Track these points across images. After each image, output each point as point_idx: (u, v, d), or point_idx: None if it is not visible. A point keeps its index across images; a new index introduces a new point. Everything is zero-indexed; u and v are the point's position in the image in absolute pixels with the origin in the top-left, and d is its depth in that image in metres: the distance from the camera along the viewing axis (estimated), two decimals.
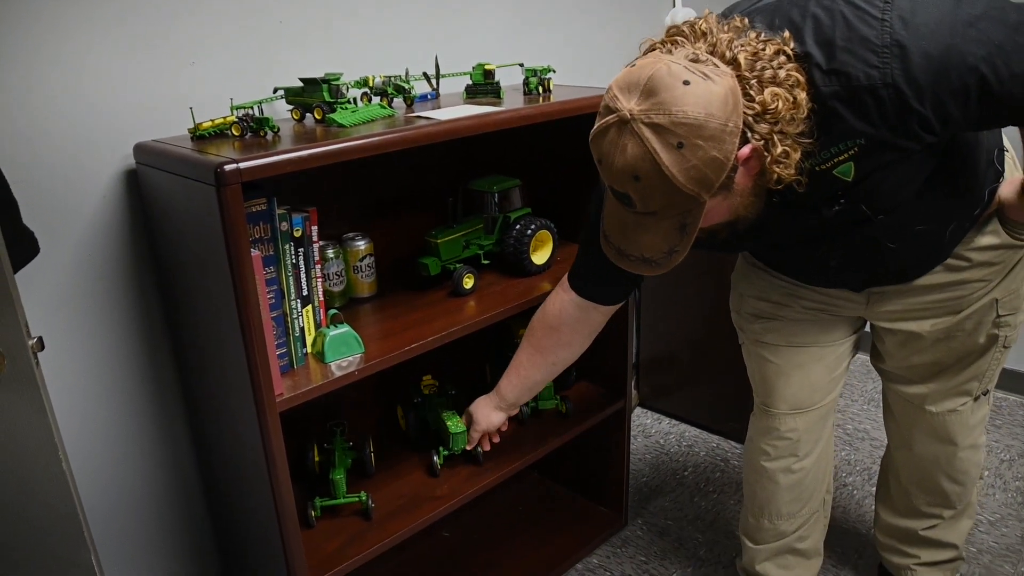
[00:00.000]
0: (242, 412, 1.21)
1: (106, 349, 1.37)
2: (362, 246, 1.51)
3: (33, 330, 0.92)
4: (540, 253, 1.66)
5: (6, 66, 1.16)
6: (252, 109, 1.27)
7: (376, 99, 1.43)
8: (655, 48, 1.01)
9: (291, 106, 1.35)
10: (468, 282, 1.55)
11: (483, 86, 1.60)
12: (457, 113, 1.38)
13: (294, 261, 1.27)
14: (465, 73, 1.61)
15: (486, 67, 1.59)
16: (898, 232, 1.16)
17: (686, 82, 0.90)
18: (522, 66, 1.67)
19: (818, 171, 1.03)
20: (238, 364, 1.15)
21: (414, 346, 1.34)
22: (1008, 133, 1.17)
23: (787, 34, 0.98)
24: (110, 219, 1.32)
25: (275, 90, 1.35)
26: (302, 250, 1.28)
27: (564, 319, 1.39)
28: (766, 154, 0.95)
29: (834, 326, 1.44)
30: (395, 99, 1.45)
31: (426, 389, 1.75)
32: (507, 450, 1.65)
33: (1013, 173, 1.23)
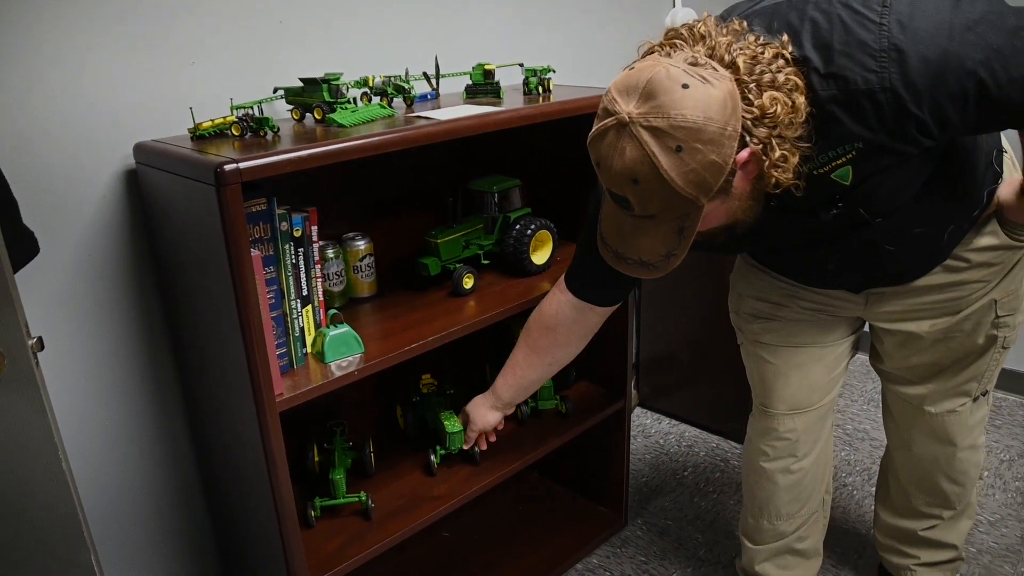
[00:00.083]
0: (242, 412, 1.21)
1: (106, 349, 1.37)
2: (362, 246, 1.51)
3: (33, 330, 0.92)
4: (540, 253, 1.66)
5: (6, 66, 1.16)
6: (252, 109, 1.27)
7: (376, 99, 1.43)
8: (654, 51, 1.01)
9: (291, 106, 1.36)
10: (468, 282, 1.55)
11: (483, 86, 1.60)
12: (457, 113, 1.38)
13: (294, 261, 1.27)
14: (465, 73, 1.61)
15: (486, 67, 1.59)
16: (896, 235, 1.16)
17: (685, 85, 0.90)
18: (522, 66, 1.67)
19: (816, 175, 1.03)
20: (238, 364, 1.16)
21: (414, 346, 1.35)
22: (1007, 134, 1.17)
23: (785, 38, 0.98)
24: (110, 219, 1.32)
25: (275, 90, 1.36)
26: (302, 250, 1.28)
27: (561, 320, 1.39)
28: (764, 158, 0.95)
29: (833, 326, 1.44)
30: (395, 99, 1.45)
31: (425, 388, 1.75)
32: (507, 450, 1.65)
33: (1012, 174, 1.23)
